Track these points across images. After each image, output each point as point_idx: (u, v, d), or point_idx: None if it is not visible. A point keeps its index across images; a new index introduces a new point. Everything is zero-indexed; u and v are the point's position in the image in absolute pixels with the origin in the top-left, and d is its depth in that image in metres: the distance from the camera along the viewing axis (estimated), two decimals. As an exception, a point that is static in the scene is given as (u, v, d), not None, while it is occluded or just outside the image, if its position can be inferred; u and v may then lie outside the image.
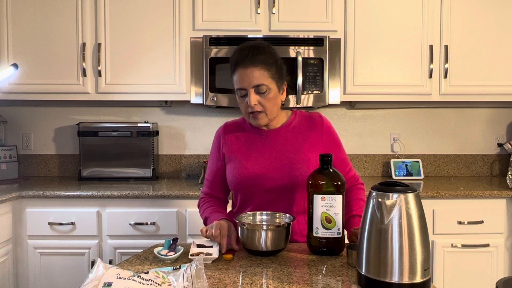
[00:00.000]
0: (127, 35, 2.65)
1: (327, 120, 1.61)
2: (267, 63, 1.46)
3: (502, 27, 2.69)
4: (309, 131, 1.57)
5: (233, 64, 1.49)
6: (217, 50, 2.56)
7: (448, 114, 3.07)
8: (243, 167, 1.53)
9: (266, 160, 1.53)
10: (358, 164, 3.04)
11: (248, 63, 1.45)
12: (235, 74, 1.48)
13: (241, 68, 1.45)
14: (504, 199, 2.42)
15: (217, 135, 1.65)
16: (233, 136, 1.61)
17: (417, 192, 1.05)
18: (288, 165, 1.51)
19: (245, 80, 1.45)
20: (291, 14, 2.64)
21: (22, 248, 2.38)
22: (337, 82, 2.64)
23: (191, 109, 3.01)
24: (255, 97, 1.46)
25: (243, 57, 1.46)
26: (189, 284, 1.02)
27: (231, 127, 1.64)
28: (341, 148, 1.60)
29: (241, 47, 1.50)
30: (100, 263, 1.04)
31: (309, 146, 1.54)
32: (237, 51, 1.49)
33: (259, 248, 1.31)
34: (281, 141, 1.56)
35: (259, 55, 1.46)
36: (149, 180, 2.77)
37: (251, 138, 1.58)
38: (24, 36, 2.65)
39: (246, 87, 1.45)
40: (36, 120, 3.03)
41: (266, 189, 1.51)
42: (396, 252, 1.01)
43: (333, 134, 1.60)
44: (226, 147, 1.60)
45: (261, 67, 1.45)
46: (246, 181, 1.52)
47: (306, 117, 1.61)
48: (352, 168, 1.63)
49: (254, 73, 1.44)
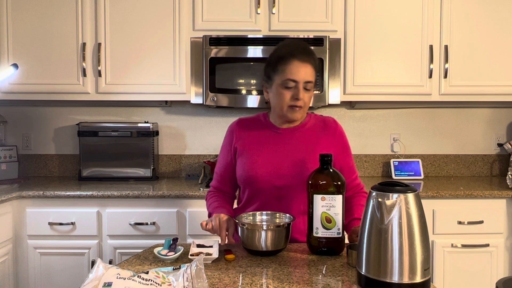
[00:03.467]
0: (127, 35, 2.65)
1: (341, 126, 1.65)
2: (316, 65, 1.54)
3: (502, 27, 2.69)
4: (323, 133, 1.60)
5: (286, 55, 1.51)
6: (217, 50, 2.56)
7: (448, 114, 3.07)
8: (255, 162, 1.55)
9: (278, 157, 1.55)
10: (358, 164, 3.04)
11: (305, 58, 1.50)
12: (288, 64, 1.49)
13: (298, 60, 1.49)
14: (504, 199, 2.42)
15: (230, 130, 1.67)
16: (246, 131, 1.63)
17: (417, 192, 1.06)
18: (299, 164, 1.53)
19: (301, 73, 1.49)
20: (291, 14, 2.65)
21: (22, 248, 2.38)
22: (337, 82, 2.64)
23: (191, 109, 3.01)
24: (303, 91, 1.50)
25: (300, 51, 1.50)
26: (189, 284, 1.02)
27: (245, 122, 1.66)
28: (350, 155, 1.63)
29: (292, 41, 1.59)
30: (100, 263, 1.04)
31: (321, 148, 1.56)
32: (289, 45, 1.54)
33: (259, 248, 1.31)
34: (295, 140, 1.57)
35: (311, 55, 1.53)
36: (149, 180, 2.77)
37: (265, 135, 1.60)
38: (24, 36, 2.65)
39: (299, 80, 1.49)
40: (36, 120, 3.03)
41: (275, 186, 1.53)
42: (396, 252, 1.01)
43: (344, 139, 1.63)
44: (239, 142, 1.61)
45: (313, 66, 1.52)
46: (256, 176, 1.54)
47: (320, 120, 1.64)
48: (358, 177, 1.65)
49: (309, 68, 1.50)
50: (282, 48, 1.55)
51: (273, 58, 1.54)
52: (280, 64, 1.51)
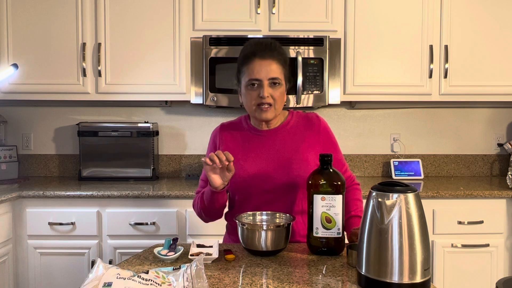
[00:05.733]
0: (127, 35, 2.64)
1: (324, 121, 1.62)
2: (282, 60, 1.50)
3: (502, 27, 2.69)
4: (307, 131, 1.58)
5: (248, 55, 1.49)
6: (217, 50, 2.56)
7: (448, 114, 3.07)
8: (241, 168, 1.53)
9: (264, 160, 1.53)
10: (358, 164, 3.04)
11: (267, 55, 1.47)
12: (250, 64, 1.48)
13: (259, 59, 1.47)
14: (504, 199, 2.42)
15: (213, 135, 1.66)
16: (230, 136, 1.61)
17: (417, 192, 1.05)
18: (286, 165, 1.51)
19: (262, 71, 1.46)
20: (291, 14, 2.64)
21: (22, 248, 2.38)
22: (337, 82, 2.64)
23: (191, 109, 3.01)
24: (269, 89, 1.47)
25: (261, 49, 1.48)
26: (189, 284, 1.02)
27: (227, 127, 1.64)
28: (337, 149, 1.61)
29: (255, 41, 1.53)
30: (100, 263, 1.04)
31: (307, 146, 1.55)
32: (252, 44, 1.51)
33: (259, 248, 1.31)
34: (279, 141, 1.56)
35: (275, 51, 1.49)
36: (149, 180, 2.77)
37: (249, 138, 1.58)
38: (24, 36, 2.65)
39: (262, 78, 1.46)
40: (36, 120, 3.03)
41: (264, 189, 1.51)
42: (396, 252, 1.01)
43: (330, 134, 1.61)
44: (223, 147, 1.59)
45: (278, 62, 1.49)
46: (244, 181, 1.52)
47: (303, 117, 1.61)
48: (348, 169, 1.64)
49: (272, 65, 1.47)
50: (244, 48, 1.53)
51: (239, 60, 1.53)
52: (243, 65, 1.50)
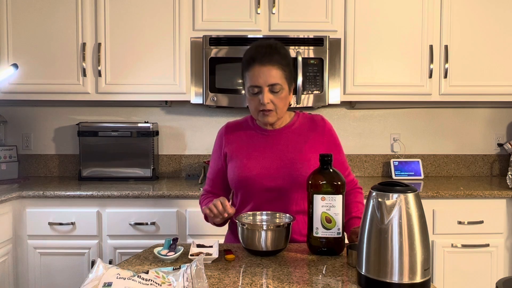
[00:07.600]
0: (127, 35, 2.64)
1: (329, 123, 1.63)
2: (283, 63, 1.48)
3: (502, 27, 2.69)
4: (311, 132, 1.59)
5: (248, 61, 1.48)
6: (217, 50, 2.56)
7: (448, 114, 3.07)
8: (244, 166, 1.54)
9: (268, 159, 1.54)
10: (358, 164, 3.04)
11: (265, 61, 1.45)
12: (250, 71, 1.47)
13: (258, 65, 1.46)
14: (504, 199, 2.42)
15: (219, 135, 1.67)
16: (235, 135, 1.62)
17: (417, 192, 1.05)
18: (289, 165, 1.52)
19: (261, 78, 1.45)
20: (291, 14, 2.64)
21: (22, 248, 2.38)
22: (337, 82, 2.64)
23: (191, 109, 3.01)
24: (269, 95, 1.47)
25: (260, 55, 1.46)
26: (189, 284, 1.02)
27: (233, 127, 1.65)
28: (341, 151, 1.62)
29: (256, 44, 1.51)
30: (100, 263, 1.04)
31: (310, 147, 1.55)
32: (252, 48, 1.50)
33: (259, 248, 1.31)
34: (283, 141, 1.57)
35: (276, 55, 1.47)
36: (149, 180, 2.77)
37: (253, 138, 1.59)
38: (24, 36, 2.65)
39: (261, 85, 1.46)
40: (36, 120, 3.03)
41: (266, 188, 1.52)
42: (396, 252, 1.01)
43: (334, 136, 1.61)
44: (228, 146, 1.61)
45: (278, 67, 1.46)
46: (247, 179, 1.53)
47: (308, 119, 1.63)
48: (351, 172, 1.65)
49: (271, 71, 1.46)
50: (246, 52, 1.52)
51: (242, 63, 1.53)
52: (245, 71, 1.50)
